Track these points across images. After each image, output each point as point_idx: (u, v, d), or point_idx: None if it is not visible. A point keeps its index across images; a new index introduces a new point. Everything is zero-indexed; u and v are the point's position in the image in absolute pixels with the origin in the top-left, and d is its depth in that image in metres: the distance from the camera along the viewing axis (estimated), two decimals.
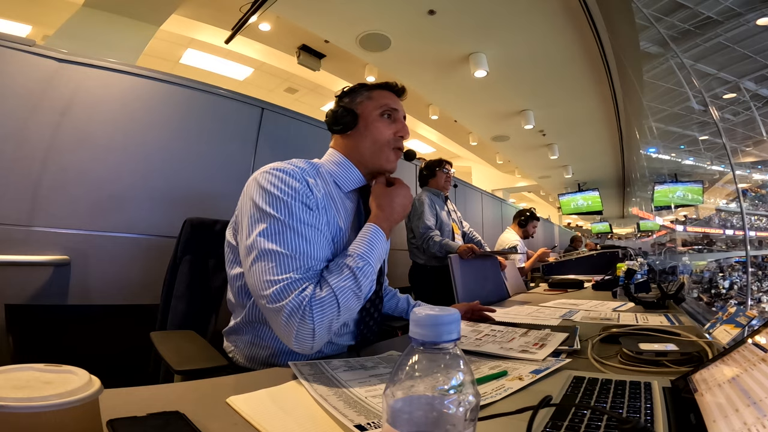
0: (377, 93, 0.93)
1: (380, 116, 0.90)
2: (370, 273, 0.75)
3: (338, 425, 0.48)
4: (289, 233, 0.72)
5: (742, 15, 5.46)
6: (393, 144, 0.90)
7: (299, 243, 0.72)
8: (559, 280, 2.53)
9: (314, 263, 0.73)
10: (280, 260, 0.70)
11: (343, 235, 0.84)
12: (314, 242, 0.74)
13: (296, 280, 0.69)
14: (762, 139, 8.67)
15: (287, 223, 0.73)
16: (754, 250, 9.48)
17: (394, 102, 0.93)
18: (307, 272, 0.71)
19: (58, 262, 1.35)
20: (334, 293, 0.70)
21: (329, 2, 3.53)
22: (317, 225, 0.76)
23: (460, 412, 0.29)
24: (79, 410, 0.35)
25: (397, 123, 0.92)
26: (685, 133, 8.79)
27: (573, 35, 3.94)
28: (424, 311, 0.31)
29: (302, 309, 0.67)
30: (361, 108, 0.91)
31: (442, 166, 2.56)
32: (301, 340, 0.67)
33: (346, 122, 0.89)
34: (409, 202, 0.88)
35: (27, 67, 1.36)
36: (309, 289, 0.69)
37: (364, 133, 0.90)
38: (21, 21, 3.99)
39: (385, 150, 0.90)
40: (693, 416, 0.45)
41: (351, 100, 0.93)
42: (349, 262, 0.73)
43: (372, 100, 0.91)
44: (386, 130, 0.90)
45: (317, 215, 0.78)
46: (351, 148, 0.91)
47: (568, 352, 0.83)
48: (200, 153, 1.73)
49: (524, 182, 10.60)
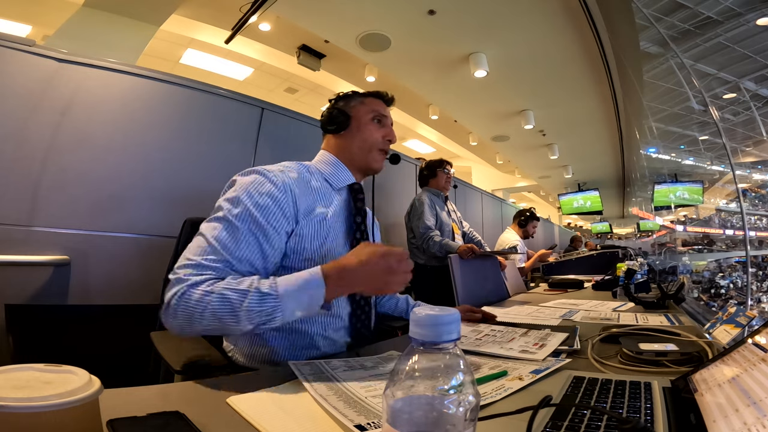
0: (369, 100, 1.01)
1: (371, 120, 0.99)
2: (269, 311, 0.65)
3: (338, 425, 0.48)
4: (225, 227, 0.74)
5: (742, 15, 5.46)
6: (381, 146, 0.98)
7: (226, 238, 0.73)
8: (559, 280, 2.53)
9: (232, 260, 0.72)
10: (203, 245, 0.72)
11: (327, 228, 0.88)
12: (244, 243, 0.74)
13: (197, 264, 0.70)
14: (762, 139, 8.67)
15: (228, 219, 0.75)
16: (754, 250, 9.48)
17: (384, 109, 1.02)
18: (217, 264, 0.70)
19: (58, 262, 1.35)
20: (210, 294, 0.65)
21: (329, 2, 3.53)
22: (266, 229, 0.76)
23: (460, 412, 0.29)
24: (79, 410, 0.35)
25: (386, 128, 1.01)
26: (685, 133, 8.79)
27: (573, 35, 3.94)
28: (424, 311, 0.31)
29: (177, 290, 0.66)
30: (354, 111, 0.99)
31: (442, 166, 2.56)
32: (165, 317, 0.68)
33: (339, 122, 0.97)
34: (395, 281, 0.70)
35: (27, 67, 1.36)
36: (199, 278, 0.68)
37: (356, 134, 0.98)
38: (21, 21, 3.99)
39: (373, 150, 0.98)
40: (693, 416, 0.45)
41: (345, 103, 1.01)
42: (256, 284, 0.67)
43: (364, 105, 1.00)
44: (376, 133, 0.98)
45: (277, 219, 0.78)
46: (342, 148, 0.98)
47: (568, 352, 0.83)
48: (200, 153, 1.73)
49: (524, 182, 10.60)
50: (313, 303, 0.67)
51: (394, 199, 2.83)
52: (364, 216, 0.98)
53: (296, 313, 0.67)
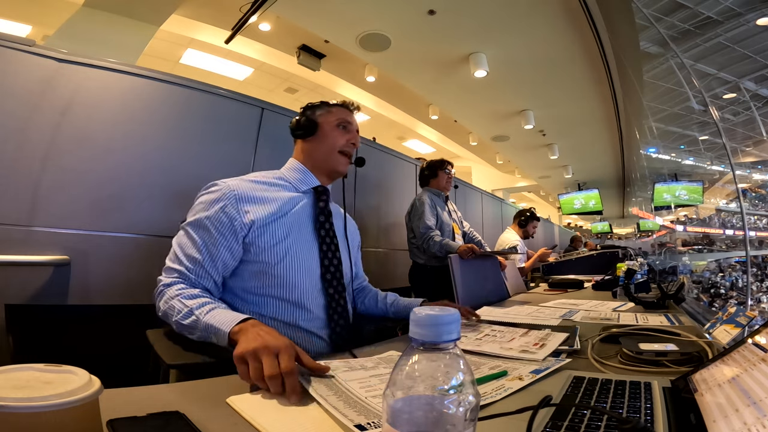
0: (336, 109, 1.11)
1: (336, 126, 1.08)
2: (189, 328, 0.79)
3: (338, 425, 0.48)
4: (183, 235, 0.92)
5: (742, 15, 5.46)
6: (343, 148, 1.08)
7: (184, 244, 0.91)
8: (559, 280, 2.53)
9: (188, 263, 0.88)
10: (171, 252, 0.92)
11: (289, 223, 0.97)
12: (195, 248, 0.89)
13: (167, 268, 0.89)
14: (762, 139, 8.67)
15: (185, 228, 0.92)
16: (754, 250, 9.48)
17: (349, 117, 1.12)
18: (180, 266, 0.88)
19: (58, 262, 1.35)
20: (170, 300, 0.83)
21: (329, 2, 3.53)
22: (217, 238, 0.89)
23: (460, 412, 0.29)
24: (79, 410, 0.35)
25: (350, 133, 1.10)
26: (685, 133, 8.80)
27: (573, 35, 3.94)
28: (424, 311, 0.31)
29: (156, 288, 0.88)
30: (321, 119, 1.09)
31: (443, 166, 2.55)
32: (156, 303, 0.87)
33: (307, 128, 1.08)
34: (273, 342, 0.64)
35: (27, 67, 1.36)
36: (168, 280, 0.87)
37: (322, 139, 1.07)
38: (21, 21, 3.99)
39: (335, 153, 1.07)
40: (693, 416, 0.45)
41: (312, 112, 1.11)
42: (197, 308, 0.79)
43: (331, 114, 1.10)
44: (340, 138, 1.08)
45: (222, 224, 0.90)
46: (309, 152, 1.08)
47: (568, 352, 0.83)
48: (200, 153, 1.73)
49: (524, 182, 10.60)
50: (220, 341, 0.74)
51: (394, 198, 2.83)
52: (328, 215, 1.05)
53: (211, 339, 0.76)
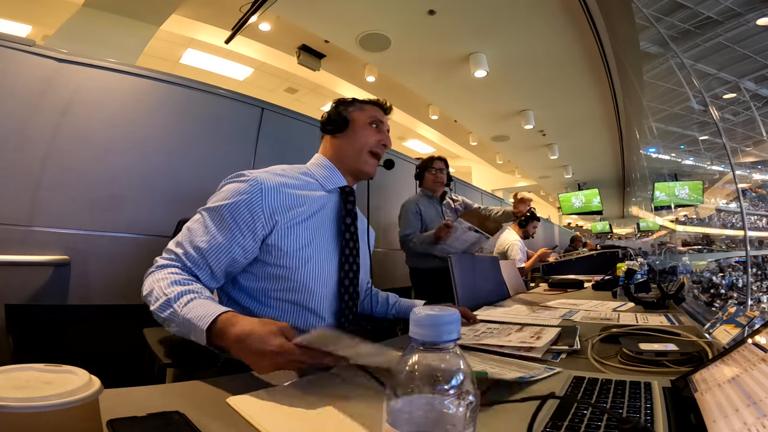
0: (369, 107, 1.06)
1: (369, 124, 1.03)
2: (167, 318, 0.72)
3: (338, 425, 0.48)
4: (195, 220, 0.86)
5: (742, 15, 5.46)
6: (374, 148, 1.02)
7: (194, 229, 0.84)
8: (559, 280, 2.53)
9: (189, 249, 0.81)
10: (179, 237, 0.84)
11: (315, 226, 0.92)
12: (204, 236, 0.82)
13: (166, 249, 0.83)
14: (762, 139, 8.67)
15: (204, 222, 0.84)
16: (754, 250, 9.48)
17: (382, 116, 1.07)
18: (179, 249, 0.81)
19: (58, 262, 1.35)
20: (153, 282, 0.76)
21: (329, 2, 3.53)
22: (233, 231, 0.83)
23: (460, 412, 0.29)
24: (79, 410, 0.35)
25: (382, 133, 1.04)
26: (685, 133, 8.79)
27: (573, 35, 3.94)
28: (424, 311, 0.31)
29: (150, 269, 0.80)
30: (353, 115, 1.04)
31: (429, 165, 2.38)
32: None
33: (338, 124, 1.02)
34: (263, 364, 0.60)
35: (27, 67, 1.36)
36: (163, 262, 0.80)
37: (352, 136, 1.02)
38: (21, 21, 3.99)
39: (365, 152, 1.01)
40: (693, 416, 0.45)
41: (345, 107, 1.05)
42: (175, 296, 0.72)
43: (363, 111, 1.05)
44: (372, 136, 1.02)
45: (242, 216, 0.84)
46: (337, 149, 1.03)
47: (568, 352, 0.83)
48: (200, 153, 1.73)
49: (524, 182, 10.60)
50: (198, 340, 0.67)
51: (393, 199, 2.83)
52: (354, 218, 1.00)
53: (191, 337, 0.69)
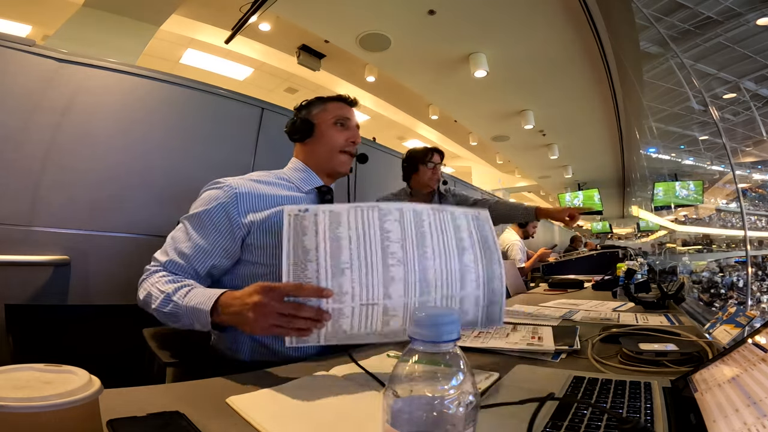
0: (332, 105, 1.04)
1: (333, 125, 1.01)
2: (171, 315, 0.75)
3: (338, 425, 0.48)
4: (178, 228, 0.90)
5: (742, 15, 5.46)
6: (344, 148, 1.01)
7: (177, 237, 0.88)
8: (559, 280, 2.53)
9: (175, 255, 0.85)
10: (165, 246, 0.88)
11: None
12: (187, 241, 0.86)
13: (156, 259, 0.87)
14: (762, 139, 8.67)
15: (186, 229, 0.88)
16: (754, 250, 9.48)
17: (347, 112, 1.04)
18: (165, 257, 0.85)
19: (58, 262, 1.35)
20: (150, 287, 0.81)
21: (329, 2, 3.53)
22: (213, 235, 0.86)
23: (460, 412, 0.29)
24: (79, 410, 0.35)
25: (350, 130, 1.03)
26: (685, 133, 8.79)
27: (573, 35, 3.94)
28: (424, 311, 0.31)
29: (142, 277, 0.85)
30: (317, 118, 1.02)
31: (426, 158, 1.92)
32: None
33: (303, 131, 1.01)
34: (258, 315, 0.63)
35: (27, 67, 1.36)
36: (153, 268, 0.85)
37: (320, 140, 1.01)
38: (21, 21, 3.98)
39: (337, 154, 1.01)
40: (693, 416, 0.45)
41: (308, 111, 1.04)
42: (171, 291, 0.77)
43: (327, 111, 1.03)
44: (339, 137, 1.01)
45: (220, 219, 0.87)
46: (308, 154, 1.03)
47: (568, 352, 0.83)
48: (200, 153, 1.73)
49: (524, 182, 10.60)
50: (203, 325, 0.72)
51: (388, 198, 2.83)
52: None
53: (195, 326, 0.73)
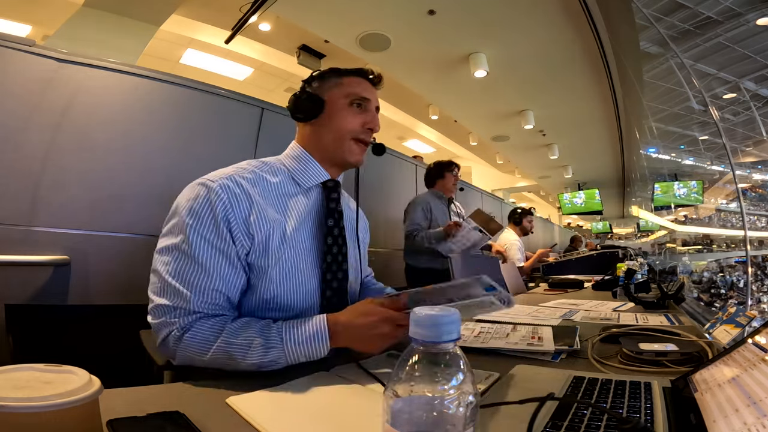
0: (349, 80, 0.83)
1: (349, 105, 0.82)
2: (273, 360, 0.64)
3: (338, 425, 0.48)
4: (175, 258, 0.68)
5: (742, 15, 5.46)
6: (358, 135, 0.82)
7: (187, 272, 0.67)
8: (559, 280, 2.53)
9: (197, 294, 0.67)
10: (163, 285, 0.68)
11: (292, 236, 0.76)
12: (207, 270, 0.67)
13: (169, 307, 0.66)
14: (762, 139, 8.68)
15: (182, 249, 0.68)
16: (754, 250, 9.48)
17: (367, 91, 0.84)
18: (187, 302, 0.66)
19: (58, 262, 1.35)
20: (209, 344, 0.64)
21: (329, 2, 3.53)
22: (223, 248, 0.69)
23: (460, 412, 0.29)
24: (79, 410, 0.35)
25: (367, 114, 0.83)
26: (685, 133, 8.80)
27: (573, 35, 3.94)
28: (424, 311, 0.31)
29: (169, 332, 0.66)
30: (329, 94, 0.82)
31: (451, 168, 2.52)
32: (163, 351, 0.69)
33: (308, 109, 0.81)
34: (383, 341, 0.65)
35: (27, 67, 1.36)
36: (183, 322, 0.65)
37: (328, 122, 0.81)
38: (21, 21, 3.98)
39: (347, 141, 0.81)
40: (693, 416, 0.45)
41: (319, 85, 0.84)
42: (259, 339, 0.64)
43: (341, 87, 0.82)
44: (353, 120, 0.81)
45: (228, 237, 0.69)
46: (313, 139, 0.83)
47: (568, 352, 0.83)
48: (200, 153, 1.73)
49: (524, 182, 10.60)
50: (316, 354, 0.65)
51: (393, 198, 2.83)
52: (339, 217, 0.82)
53: (300, 359, 0.65)
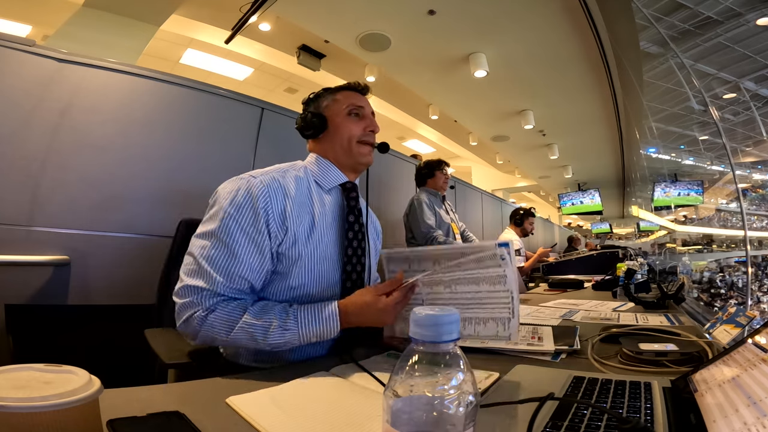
0: (342, 94, 0.97)
1: (347, 115, 0.95)
2: (287, 341, 0.74)
3: (338, 425, 0.48)
4: (213, 245, 0.77)
5: (742, 15, 5.46)
6: (362, 138, 0.94)
7: (217, 255, 0.76)
8: (559, 280, 2.53)
9: (227, 278, 0.76)
10: (196, 266, 0.76)
11: (318, 230, 0.87)
12: (234, 259, 0.76)
13: (194, 287, 0.74)
14: (762, 139, 8.68)
15: (216, 234, 0.77)
16: (754, 250, 9.48)
17: (360, 100, 0.97)
18: (215, 285, 0.75)
19: (58, 262, 1.35)
20: (232, 324, 0.73)
21: (329, 2, 3.53)
22: (257, 239, 0.78)
23: (460, 412, 0.29)
24: (79, 410, 0.35)
25: (365, 119, 0.96)
26: (685, 133, 8.79)
27: (573, 35, 3.94)
28: (424, 311, 0.31)
29: (194, 313, 0.74)
30: (329, 111, 0.96)
31: (441, 166, 2.59)
32: (183, 331, 0.76)
33: (316, 126, 0.95)
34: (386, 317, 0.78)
35: (27, 67, 1.36)
36: (209, 302, 0.74)
37: (336, 133, 0.94)
38: (21, 21, 3.99)
39: (355, 145, 0.94)
40: (693, 416, 0.45)
41: (317, 104, 0.98)
42: (277, 321, 0.73)
43: (338, 102, 0.96)
44: (355, 127, 0.94)
45: (264, 228, 0.79)
46: (326, 150, 0.96)
47: (568, 352, 0.83)
48: (200, 153, 1.73)
49: (524, 182, 10.60)
50: (327, 334, 0.75)
51: (392, 198, 2.83)
52: (358, 214, 0.94)
53: (311, 340, 0.75)
